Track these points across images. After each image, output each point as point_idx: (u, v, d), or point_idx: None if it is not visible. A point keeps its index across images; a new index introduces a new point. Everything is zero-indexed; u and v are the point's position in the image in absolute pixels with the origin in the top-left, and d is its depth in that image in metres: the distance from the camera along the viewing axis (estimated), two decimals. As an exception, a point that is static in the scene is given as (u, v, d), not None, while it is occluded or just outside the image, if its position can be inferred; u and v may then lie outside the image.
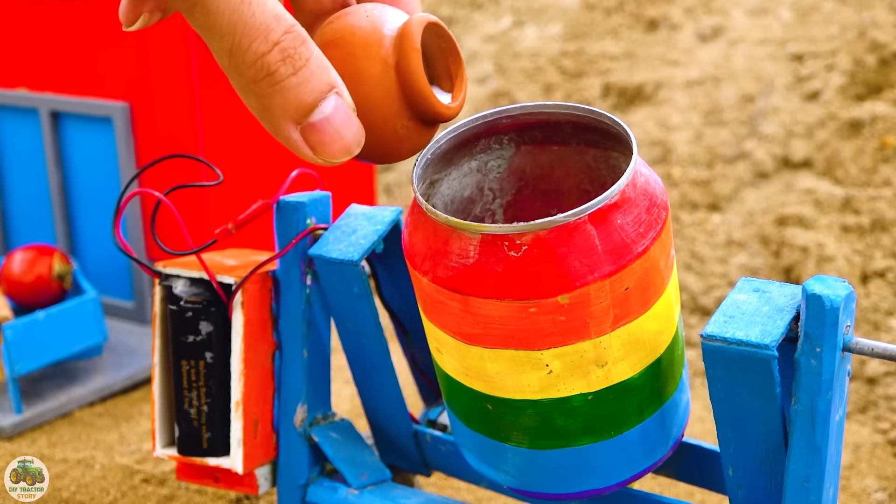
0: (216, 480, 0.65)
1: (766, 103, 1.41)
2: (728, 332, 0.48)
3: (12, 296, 0.94)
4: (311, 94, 0.45)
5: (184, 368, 0.62)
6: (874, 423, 0.88)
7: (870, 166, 1.25)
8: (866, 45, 1.42)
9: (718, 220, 1.24)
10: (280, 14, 0.44)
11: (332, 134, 0.46)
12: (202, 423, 0.63)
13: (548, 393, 0.51)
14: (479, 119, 0.54)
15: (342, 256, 0.59)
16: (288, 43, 0.45)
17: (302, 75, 0.45)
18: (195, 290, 0.62)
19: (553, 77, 1.58)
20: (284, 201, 0.62)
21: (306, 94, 0.45)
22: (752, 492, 0.52)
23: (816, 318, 0.47)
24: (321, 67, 0.45)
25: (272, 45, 0.45)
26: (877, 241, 1.12)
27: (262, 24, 0.44)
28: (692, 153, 1.36)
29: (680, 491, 0.78)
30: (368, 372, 0.64)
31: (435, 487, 0.78)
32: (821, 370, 0.47)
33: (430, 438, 0.65)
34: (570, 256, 0.47)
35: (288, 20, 0.45)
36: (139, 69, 0.97)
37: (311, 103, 0.45)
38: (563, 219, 0.47)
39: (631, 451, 0.54)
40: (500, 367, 0.51)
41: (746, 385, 0.49)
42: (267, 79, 0.45)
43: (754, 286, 0.51)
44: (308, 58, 0.45)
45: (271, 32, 0.44)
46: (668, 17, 1.65)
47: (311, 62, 0.45)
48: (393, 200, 1.44)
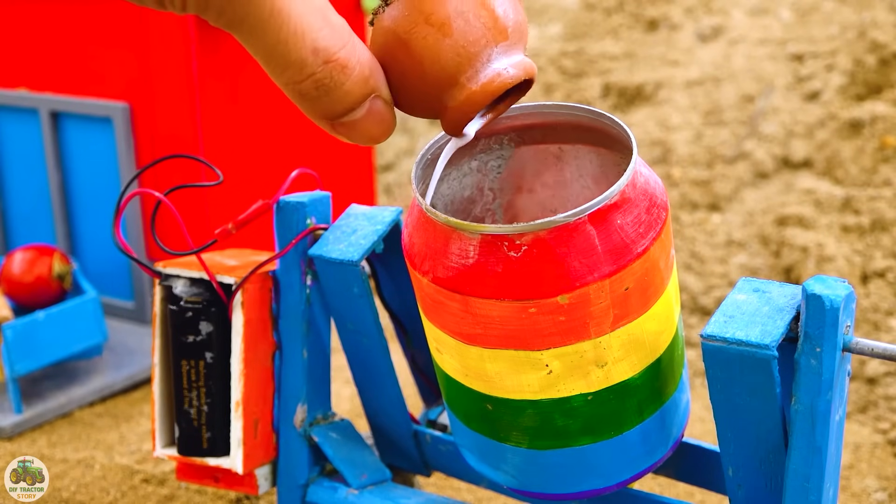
0: (216, 480, 0.65)
1: (766, 103, 1.41)
2: (728, 332, 0.48)
3: (12, 296, 0.93)
4: (343, 105, 0.47)
5: (184, 368, 0.62)
6: (874, 423, 0.88)
7: (870, 166, 1.25)
8: (866, 45, 1.42)
9: (718, 220, 1.24)
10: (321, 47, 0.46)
11: (360, 130, 0.48)
12: (202, 423, 0.63)
13: (547, 393, 0.51)
14: None
15: (342, 256, 0.59)
16: (323, 74, 0.46)
17: (335, 96, 0.47)
18: (195, 290, 0.62)
19: (553, 77, 1.58)
20: (284, 201, 0.62)
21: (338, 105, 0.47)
22: (752, 492, 0.52)
23: (816, 319, 0.47)
24: (360, 83, 0.47)
25: (306, 76, 0.46)
26: (877, 241, 1.12)
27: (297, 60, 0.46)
28: (692, 153, 1.36)
29: (680, 491, 0.78)
30: (368, 372, 0.64)
31: (435, 487, 0.78)
32: (821, 370, 0.47)
33: (430, 439, 0.65)
34: (570, 257, 0.47)
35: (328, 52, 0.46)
36: (139, 69, 0.97)
37: (342, 112, 0.47)
38: (563, 219, 0.47)
39: (631, 451, 0.54)
40: (500, 368, 0.51)
41: (746, 385, 0.49)
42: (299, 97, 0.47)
43: (754, 286, 0.51)
44: (344, 82, 0.47)
45: (306, 67, 0.46)
46: (668, 17, 1.65)
47: (347, 83, 0.47)
48: (393, 200, 1.44)
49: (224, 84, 0.99)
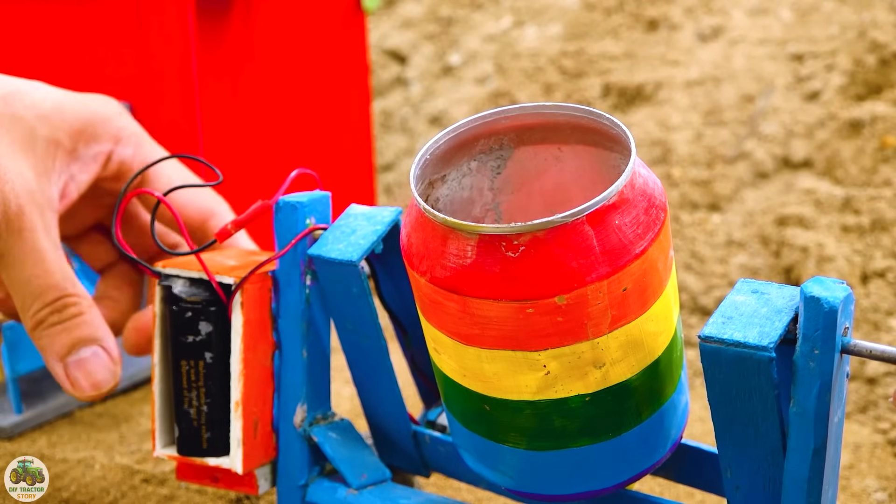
0: (216, 480, 0.65)
1: (766, 103, 1.41)
2: (726, 334, 0.48)
3: (12, 296, 0.93)
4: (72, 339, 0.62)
5: (183, 369, 0.62)
6: (874, 423, 0.88)
7: (870, 166, 1.25)
8: (866, 45, 1.42)
9: (718, 220, 1.24)
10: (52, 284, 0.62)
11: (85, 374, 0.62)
12: (202, 424, 0.63)
13: (545, 394, 0.51)
14: (478, 119, 0.54)
15: (341, 257, 0.59)
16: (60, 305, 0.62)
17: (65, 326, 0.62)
18: (195, 291, 0.62)
19: (553, 77, 1.58)
20: (284, 201, 0.62)
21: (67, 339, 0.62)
22: (751, 493, 0.52)
23: (814, 321, 0.47)
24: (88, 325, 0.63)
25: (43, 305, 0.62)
26: (877, 241, 1.12)
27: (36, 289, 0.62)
28: (692, 153, 1.36)
29: (679, 491, 0.78)
30: (367, 372, 0.64)
31: (435, 487, 0.78)
32: (819, 372, 0.47)
33: (430, 439, 0.65)
34: (568, 257, 0.47)
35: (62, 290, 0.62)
36: (139, 69, 0.97)
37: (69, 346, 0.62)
38: (561, 219, 0.47)
39: (629, 452, 0.54)
40: (498, 368, 0.51)
41: (744, 386, 0.48)
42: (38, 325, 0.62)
43: (753, 287, 0.51)
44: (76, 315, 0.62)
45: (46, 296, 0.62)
46: (668, 17, 1.65)
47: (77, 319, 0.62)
48: (393, 200, 1.44)
49: (224, 84, 0.99)
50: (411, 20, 1.83)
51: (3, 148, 0.60)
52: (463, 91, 1.64)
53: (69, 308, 0.62)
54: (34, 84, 0.66)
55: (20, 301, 0.62)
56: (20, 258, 0.61)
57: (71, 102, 0.65)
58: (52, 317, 0.62)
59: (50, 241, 0.62)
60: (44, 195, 0.62)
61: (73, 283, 0.63)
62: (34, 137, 0.62)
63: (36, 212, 0.61)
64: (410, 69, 1.74)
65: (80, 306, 0.63)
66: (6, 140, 0.61)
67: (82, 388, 0.63)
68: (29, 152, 0.62)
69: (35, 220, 0.61)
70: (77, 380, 0.63)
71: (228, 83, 0.99)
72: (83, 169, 0.65)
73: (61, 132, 0.63)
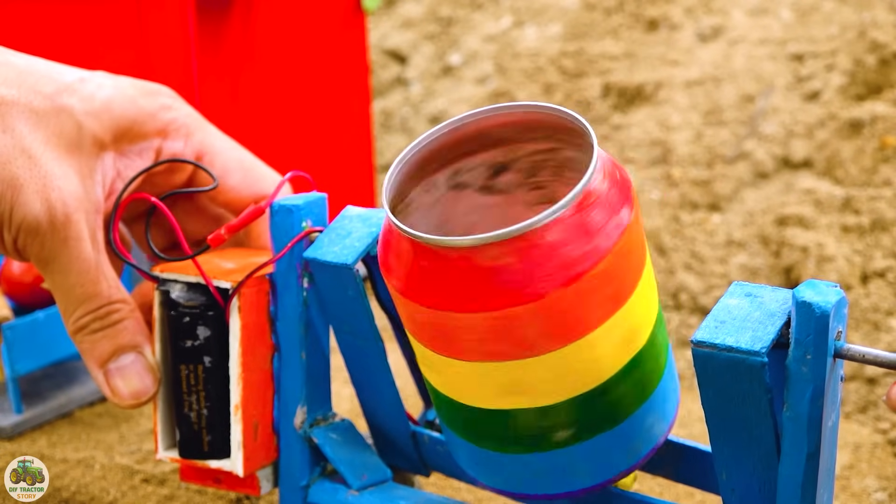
0: (218, 482, 0.65)
1: (766, 103, 1.41)
2: (718, 338, 0.48)
3: (12, 296, 0.94)
4: (113, 346, 0.63)
5: (182, 373, 0.62)
6: (874, 423, 0.89)
7: (870, 166, 1.25)
8: (866, 45, 1.42)
9: (718, 220, 1.24)
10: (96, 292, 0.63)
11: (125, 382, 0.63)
12: (202, 427, 0.63)
13: (523, 403, 0.51)
14: (445, 127, 0.54)
15: (336, 260, 0.59)
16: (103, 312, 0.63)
17: (107, 333, 0.63)
18: (192, 296, 0.62)
19: (553, 77, 1.58)
20: (279, 204, 0.61)
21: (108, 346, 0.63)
22: (746, 496, 0.52)
23: (806, 325, 0.47)
24: (129, 332, 0.63)
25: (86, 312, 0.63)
26: (877, 241, 1.12)
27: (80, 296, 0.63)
28: (692, 153, 1.36)
29: (679, 491, 0.78)
30: (365, 374, 0.64)
31: (435, 487, 0.78)
32: (812, 377, 0.47)
33: (429, 439, 0.65)
34: (535, 265, 0.47)
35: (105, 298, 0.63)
36: (139, 69, 0.98)
37: (111, 353, 0.63)
38: (526, 227, 0.47)
39: (615, 450, 0.54)
40: (477, 379, 0.51)
41: (737, 391, 0.48)
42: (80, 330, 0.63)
43: (746, 290, 0.50)
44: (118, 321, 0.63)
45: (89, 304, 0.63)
46: (668, 17, 1.65)
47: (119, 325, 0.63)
48: (393, 200, 1.43)
49: (224, 84, 0.99)
50: (411, 20, 1.83)
51: (50, 151, 0.60)
52: (463, 91, 1.64)
53: (112, 315, 0.63)
54: (88, 76, 0.65)
55: (63, 305, 0.63)
56: (65, 266, 0.61)
57: (120, 100, 0.64)
58: (95, 323, 0.63)
59: (95, 248, 0.62)
60: (89, 199, 0.62)
61: (117, 288, 0.63)
62: (81, 136, 0.62)
63: (83, 219, 0.61)
64: (410, 69, 1.74)
65: (122, 312, 0.63)
66: (53, 142, 0.61)
67: (122, 396, 0.63)
68: (74, 152, 0.61)
69: (81, 227, 0.61)
70: (117, 388, 0.63)
71: (228, 83, 0.99)
72: (130, 165, 0.65)
73: (107, 131, 0.63)
